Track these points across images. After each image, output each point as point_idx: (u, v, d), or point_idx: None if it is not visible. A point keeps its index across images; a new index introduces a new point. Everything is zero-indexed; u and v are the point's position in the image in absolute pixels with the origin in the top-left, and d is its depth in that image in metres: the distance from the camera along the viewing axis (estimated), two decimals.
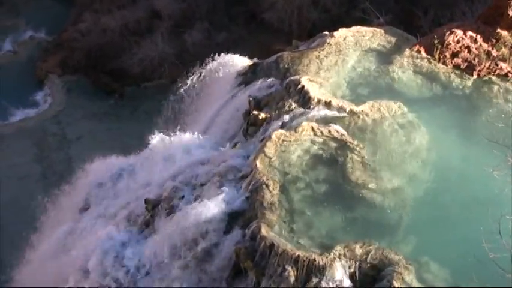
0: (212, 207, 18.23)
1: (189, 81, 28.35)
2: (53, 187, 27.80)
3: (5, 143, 42.96)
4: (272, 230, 17.06)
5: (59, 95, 48.19)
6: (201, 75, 27.94)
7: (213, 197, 18.54)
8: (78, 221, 22.96)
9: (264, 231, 16.90)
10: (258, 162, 18.87)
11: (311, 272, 16.33)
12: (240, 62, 26.91)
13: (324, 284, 16.29)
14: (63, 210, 25.31)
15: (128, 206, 21.75)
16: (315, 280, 16.32)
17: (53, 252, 22.15)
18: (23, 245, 25.64)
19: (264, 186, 18.08)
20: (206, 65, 27.91)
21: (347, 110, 21.14)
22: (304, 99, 21.69)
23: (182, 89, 28.77)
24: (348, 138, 19.96)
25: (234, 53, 28.21)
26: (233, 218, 18.18)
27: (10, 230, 33.92)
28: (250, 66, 26.09)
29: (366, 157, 19.50)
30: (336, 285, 16.38)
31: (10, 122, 45.59)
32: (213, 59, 27.65)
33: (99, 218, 22.07)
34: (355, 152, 19.54)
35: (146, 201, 20.71)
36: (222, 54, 27.72)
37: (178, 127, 24.75)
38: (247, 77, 25.53)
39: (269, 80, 23.81)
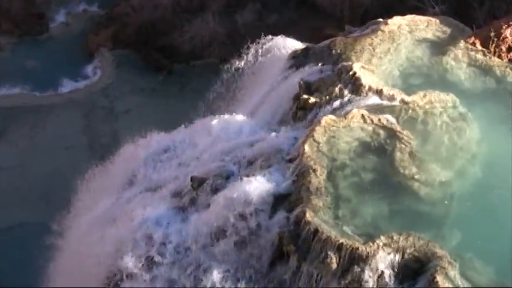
0: (258, 188, 18.21)
1: (239, 62, 28.29)
2: (99, 159, 28.05)
3: (54, 113, 43.60)
4: (317, 216, 17.01)
5: (108, 68, 48.63)
6: (252, 56, 27.86)
7: (259, 179, 18.51)
8: (123, 194, 23.13)
9: (308, 216, 16.86)
10: (306, 147, 18.78)
11: (353, 260, 16.30)
12: (292, 45, 26.81)
13: (365, 273, 16.27)
14: (109, 182, 25.52)
15: (174, 183, 21.82)
16: (356, 269, 16.29)
17: (97, 223, 22.35)
18: (67, 214, 25.99)
19: (311, 171, 18.02)
20: (257, 46, 27.82)
21: (398, 100, 20.92)
22: (356, 86, 21.50)
23: (232, 69, 28.73)
24: (398, 128, 19.76)
25: (285, 35, 28.07)
26: (278, 201, 18.15)
27: (54, 198, 34.49)
28: (302, 50, 25.93)
29: (414, 148, 19.27)
30: (378, 276, 16.33)
31: (60, 93, 46.23)
32: (264, 41, 27.55)
33: (144, 192, 22.18)
34: (404, 142, 19.32)
35: (192, 178, 20.73)
36: (274, 36, 27.60)
37: (227, 107, 24.77)
38: (298, 60, 25.36)
39: (321, 64, 23.63)
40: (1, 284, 30.95)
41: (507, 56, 23.48)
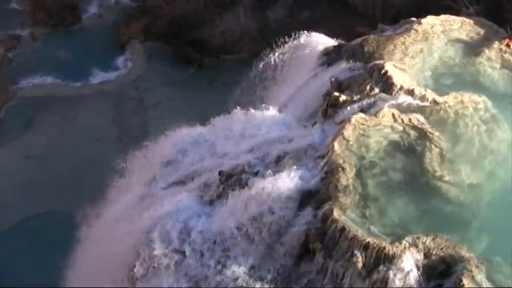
0: (286, 184, 18.22)
1: (270, 57, 28.25)
2: (129, 150, 28.21)
3: (84, 103, 44.01)
4: (344, 214, 16.99)
5: (139, 60, 48.93)
6: (283, 51, 27.83)
7: (287, 175, 18.50)
8: (151, 186, 23.26)
9: (336, 214, 16.83)
10: (335, 144, 18.72)
11: (380, 260, 16.25)
12: (324, 41, 26.70)
13: (391, 273, 16.19)
14: (138, 173, 25.66)
15: (201, 176, 21.88)
16: (382, 268, 16.23)
17: (125, 214, 22.52)
18: (96, 204, 26.19)
19: (339, 168, 17.96)
20: (289, 41, 27.77)
21: (429, 100, 20.73)
22: (387, 85, 21.34)
23: (263, 64, 28.71)
24: (429, 128, 19.59)
25: (317, 32, 27.96)
26: (306, 198, 18.13)
27: (83, 188, 34.83)
28: (334, 47, 25.85)
29: (445, 149, 19.12)
30: (404, 276, 16.26)
31: (91, 84, 46.67)
32: (296, 36, 27.48)
33: (172, 184, 22.29)
34: (435, 143, 19.16)
35: (220, 172, 20.79)
36: (306, 32, 27.52)
37: (257, 102, 24.78)
38: (330, 57, 25.29)
39: (352, 62, 23.53)
40: (26, 272, 31.29)
41: None
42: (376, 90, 21.47)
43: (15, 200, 36.26)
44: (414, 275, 16.27)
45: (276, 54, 28.18)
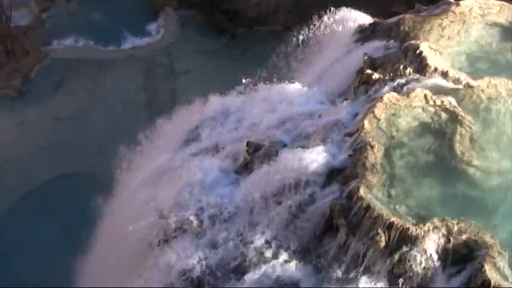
0: (313, 159, 18.18)
1: (304, 31, 28.08)
2: (156, 116, 28.26)
3: (115, 67, 44.13)
4: (370, 192, 16.94)
5: (172, 27, 48.84)
6: (317, 26, 27.63)
7: (316, 150, 18.46)
8: (178, 153, 23.30)
9: (362, 192, 16.78)
10: (365, 122, 18.61)
11: (403, 240, 16.22)
12: (359, 18, 26.53)
13: (413, 254, 16.20)
14: (165, 140, 25.72)
15: (229, 146, 21.88)
16: (405, 249, 16.22)
17: (151, 179, 22.59)
18: (122, 168, 26.33)
19: (368, 147, 17.88)
20: (324, 16, 27.56)
21: (463, 83, 20.52)
22: (421, 66, 21.16)
23: (296, 38, 28.55)
24: (460, 112, 19.39)
25: (352, 8, 27.71)
26: (333, 174, 18.10)
27: (109, 151, 34.94)
28: (370, 24, 25.67)
29: (475, 133, 18.94)
30: (426, 258, 16.23)
31: (122, 48, 46.71)
32: (331, 12, 27.26)
33: (199, 152, 22.29)
34: (465, 127, 18.98)
35: (248, 143, 20.78)
36: (342, 8, 27.28)
37: (289, 75, 24.67)
38: (365, 34, 25.14)
39: (387, 41, 23.34)
40: (51, 231, 31.63)
41: None
42: (410, 70, 21.32)
43: (42, 159, 36.64)
44: (436, 258, 16.26)
45: (311, 28, 27.99)
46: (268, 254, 17.84)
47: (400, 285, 16.25)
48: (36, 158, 36.67)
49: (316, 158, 18.21)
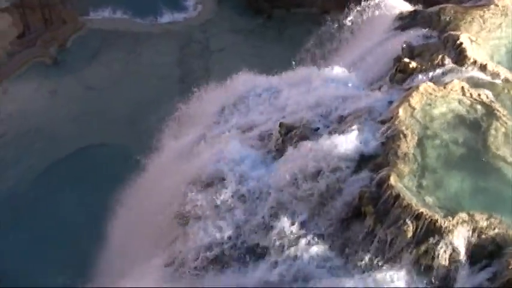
0: (346, 144, 18.12)
1: (342, 15, 27.92)
2: (189, 92, 28.24)
3: (150, 41, 44.08)
4: (401, 181, 16.86)
5: (209, 4, 48.59)
6: (357, 11, 27.45)
7: (348, 135, 18.38)
8: (210, 130, 23.32)
9: (392, 180, 16.69)
10: (400, 110, 18.48)
11: (430, 232, 16.13)
12: (400, 5, 26.37)
13: (440, 246, 16.12)
14: (197, 116, 25.73)
15: (261, 126, 21.87)
16: (432, 241, 16.14)
17: (181, 155, 22.66)
18: (153, 141, 26.42)
19: (401, 135, 17.78)
20: (363, 1, 27.34)
21: (502, 77, 20.31)
22: (460, 57, 20.97)
23: (334, 22, 28.39)
24: (497, 106, 19.15)
25: None
26: (364, 160, 18.02)
27: (140, 124, 35.23)
28: (410, 12, 25.45)
29: (510, 129, 18.64)
30: (452, 251, 16.14)
31: (159, 22, 46.63)
32: None
33: (232, 131, 22.30)
34: (501, 122, 18.73)
35: (281, 124, 20.73)
36: None
37: (325, 59, 24.55)
38: (405, 22, 24.94)
39: (427, 30, 23.10)
40: (80, 199, 31.90)
41: None
42: (448, 61, 21.15)
43: (74, 129, 36.84)
44: (463, 252, 16.15)
45: (349, 13, 27.82)
46: (295, 236, 17.80)
47: (424, 276, 16.21)
48: (67, 127, 36.85)
49: (348, 143, 18.15)
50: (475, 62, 20.71)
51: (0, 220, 31.70)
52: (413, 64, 21.37)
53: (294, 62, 24.48)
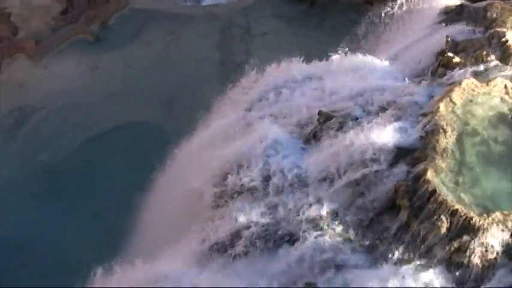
0: (384, 136, 18.01)
1: (387, 6, 27.66)
2: (227, 76, 28.23)
3: (192, 23, 44.02)
4: (437, 177, 16.72)
5: None
6: (401, 2, 27.21)
7: (387, 127, 18.27)
8: (247, 114, 23.29)
9: (429, 175, 16.58)
10: (441, 105, 18.29)
11: (465, 229, 16.02)
12: None
13: (473, 244, 16.03)
14: (235, 100, 25.69)
15: (300, 113, 21.77)
16: (465, 238, 16.04)
17: (218, 137, 22.67)
18: (190, 122, 26.48)
19: (441, 130, 17.63)
20: None
21: None
22: (505, 55, 20.73)
23: (377, 13, 28.14)
24: None
25: None
26: (401, 153, 17.89)
27: (178, 105, 35.38)
28: (456, 6, 25.06)
29: None
30: (485, 250, 16.02)
31: (201, 5, 46.58)
32: None
33: (269, 116, 22.27)
34: None
35: (320, 113, 20.63)
36: None
37: (366, 49, 24.34)
38: (450, 16, 24.58)
39: (472, 25, 22.81)
40: (117, 175, 32.19)
41: None
42: (492, 57, 20.88)
43: (111, 105, 37.07)
44: (495, 252, 16.07)
45: (393, 4, 27.58)
46: (326, 225, 17.78)
47: (455, 273, 16.10)
48: (105, 104, 37.10)
49: (387, 135, 18.05)
50: None
51: (36, 191, 32.22)
52: (456, 59, 21.11)
53: (335, 51, 24.23)
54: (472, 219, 15.93)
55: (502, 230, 16.04)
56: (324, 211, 17.84)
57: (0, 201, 32.08)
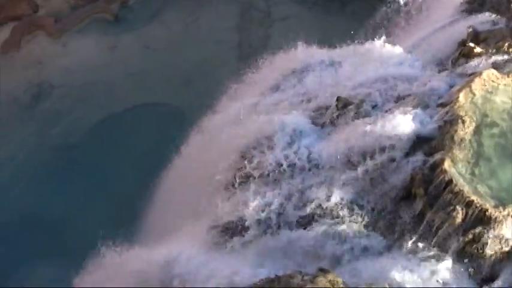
0: (402, 125, 17.88)
1: None
2: (246, 59, 28.14)
3: (212, 5, 43.82)
4: (454, 167, 16.60)
5: None
6: None
7: (406, 115, 18.15)
8: (266, 97, 23.26)
9: (446, 165, 16.48)
10: (461, 95, 18.14)
11: (479, 221, 15.95)
12: None
13: (488, 236, 15.96)
14: (253, 83, 25.66)
15: (318, 98, 21.73)
16: (480, 230, 15.97)
17: (236, 120, 22.65)
18: (207, 104, 26.50)
19: (459, 120, 17.47)
20: None
21: None
22: None
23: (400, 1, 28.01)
24: None
25: None
26: (419, 142, 17.78)
27: (196, 86, 35.39)
28: None
29: None
30: (499, 243, 15.99)
31: None
32: None
33: (287, 100, 22.26)
34: None
35: (338, 98, 20.54)
36: None
37: (387, 36, 24.19)
38: (473, 6, 24.40)
39: (495, 15, 22.59)
40: (134, 150, 32.33)
41: None
42: None
43: (130, 85, 37.16)
44: (510, 245, 15.88)
45: None
46: (339, 212, 17.75)
47: (468, 264, 16.06)
48: (123, 83, 37.17)
49: (405, 123, 17.90)
50: None
51: (52, 168, 32.43)
52: (477, 49, 20.95)
53: (355, 37, 24.14)
54: (487, 211, 15.83)
55: None
56: (339, 197, 17.80)
57: (16, 177, 32.39)
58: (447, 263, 16.06)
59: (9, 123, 35.64)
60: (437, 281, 15.83)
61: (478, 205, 15.89)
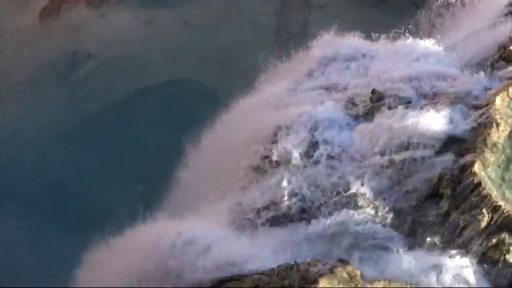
0: (435, 123, 17.77)
1: None
2: (282, 44, 28.01)
3: None
4: (484, 170, 16.48)
5: None
6: None
7: (440, 114, 18.02)
8: (299, 84, 23.17)
9: (477, 167, 16.34)
10: (497, 99, 17.97)
11: (505, 227, 15.82)
12: None
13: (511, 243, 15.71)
14: (288, 69, 25.56)
15: (352, 90, 21.59)
16: (504, 236, 15.86)
17: (267, 105, 22.62)
18: (240, 86, 26.44)
19: (494, 124, 17.31)
20: None
21: None
22: None
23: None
24: None
25: None
26: (450, 142, 17.65)
27: (230, 67, 35.35)
28: None
29: None
30: None
31: None
32: None
33: (320, 89, 22.17)
34: None
35: (373, 91, 20.43)
36: None
37: (427, 33, 23.98)
38: None
39: None
40: (158, 127, 32.44)
41: None
42: None
43: (164, 61, 37.20)
44: None
45: None
46: (364, 206, 17.63)
47: (489, 269, 15.95)
48: (158, 58, 37.23)
49: (438, 122, 17.78)
50: None
51: (81, 137, 32.74)
52: None
53: (393, 32, 23.94)
54: None
55: None
56: (365, 190, 17.73)
57: (45, 144, 32.68)
58: (468, 265, 15.91)
59: (43, 87, 35.86)
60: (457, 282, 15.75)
61: (505, 211, 15.76)
